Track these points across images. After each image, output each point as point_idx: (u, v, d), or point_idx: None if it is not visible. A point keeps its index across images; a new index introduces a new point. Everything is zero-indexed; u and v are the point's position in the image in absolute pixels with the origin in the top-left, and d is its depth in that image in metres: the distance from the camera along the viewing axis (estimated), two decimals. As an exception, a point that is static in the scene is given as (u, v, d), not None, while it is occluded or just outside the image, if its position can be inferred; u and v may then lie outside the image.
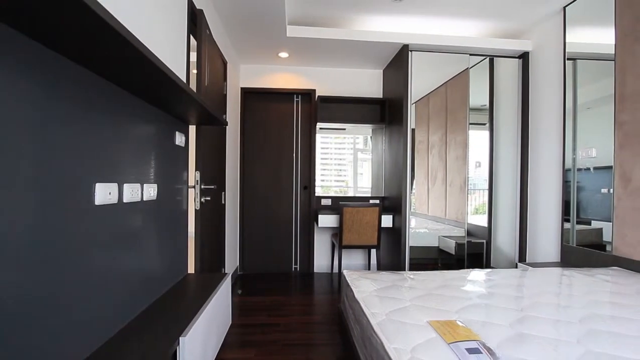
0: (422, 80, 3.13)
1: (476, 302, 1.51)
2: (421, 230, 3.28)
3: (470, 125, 3.07)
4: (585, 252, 2.39)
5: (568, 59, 2.59)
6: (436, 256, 3.24)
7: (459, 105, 3.10)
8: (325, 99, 3.52)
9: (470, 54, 3.08)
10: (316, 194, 3.66)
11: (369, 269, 3.67)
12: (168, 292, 1.58)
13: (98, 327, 1.05)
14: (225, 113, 2.79)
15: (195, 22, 1.97)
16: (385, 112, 3.56)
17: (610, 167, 2.22)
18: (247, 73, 3.59)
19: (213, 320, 1.56)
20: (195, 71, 1.96)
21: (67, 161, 0.91)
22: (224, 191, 2.79)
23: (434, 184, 3.28)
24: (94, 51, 0.86)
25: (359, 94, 3.68)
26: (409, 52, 3.01)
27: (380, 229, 3.06)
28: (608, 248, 2.23)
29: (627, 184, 2.10)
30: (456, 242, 3.10)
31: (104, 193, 1.07)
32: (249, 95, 3.63)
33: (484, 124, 3.27)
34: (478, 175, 3.26)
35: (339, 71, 3.69)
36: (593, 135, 2.39)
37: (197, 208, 1.99)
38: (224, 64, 2.76)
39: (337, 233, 3.20)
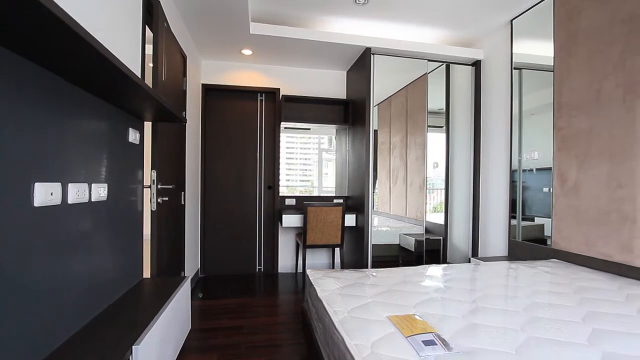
0: (384, 83, 3.22)
1: (433, 297, 1.59)
2: (383, 228, 3.38)
3: (428, 128, 3.22)
4: (529, 246, 2.60)
5: (514, 68, 2.80)
6: (397, 253, 3.35)
7: (419, 108, 3.24)
8: (290, 99, 3.50)
9: (428, 60, 3.23)
10: (280, 194, 3.64)
11: (333, 267, 3.71)
12: (121, 299, 1.48)
13: (38, 339, 0.96)
14: (185, 110, 2.68)
15: (152, 12, 1.87)
16: (348, 113, 3.62)
17: (550, 169, 2.44)
18: (209, 69, 3.48)
19: (170, 326, 1.49)
20: (151, 65, 1.86)
21: None
22: (184, 191, 2.68)
23: (396, 183, 3.40)
24: (18, 28, 0.72)
25: (324, 95, 3.71)
26: (371, 55, 3.09)
27: (344, 228, 3.11)
28: (548, 242, 2.44)
29: (563, 183, 2.33)
30: (415, 240, 3.24)
31: (45, 193, 0.98)
32: (211, 92, 3.52)
33: (442, 127, 3.44)
34: (436, 175, 3.42)
35: (304, 71, 3.69)
36: (536, 139, 2.61)
37: (154, 209, 1.89)
38: (184, 58, 2.65)
39: (301, 233, 3.20)
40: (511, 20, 2.82)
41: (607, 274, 1.96)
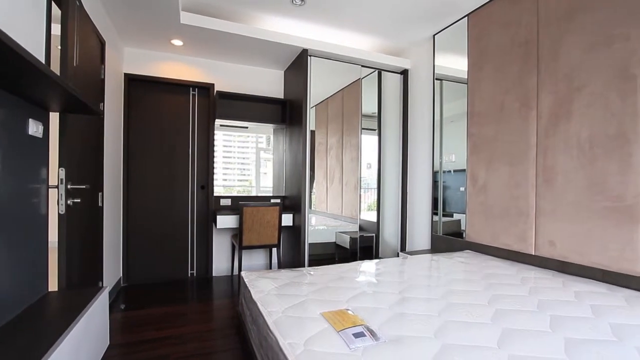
0: (321, 84, 3.29)
1: (365, 290, 1.67)
2: (320, 227, 3.46)
3: (363, 131, 3.38)
4: (448, 239, 2.89)
5: (436, 79, 3.09)
6: (334, 251, 3.45)
7: (353, 111, 3.38)
8: (225, 95, 3.37)
9: (362, 66, 3.39)
10: (216, 194, 3.48)
11: (271, 268, 3.67)
12: (19, 318, 1.27)
13: None
14: (102, 101, 2.41)
15: (60, -12, 1.64)
16: (286, 113, 3.62)
17: (464, 170, 2.75)
18: (133, 58, 3.17)
19: (82, 344, 1.32)
20: (59, 47, 1.63)
21: None
22: (101, 192, 2.40)
23: (332, 183, 3.50)
24: None
25: (261, 93, 3.65)
26: (309, 57, 3.13)
27: (281, 228, 3.10)
28: (464, 235, 2.75)
29: (474, 183, 2.64)
30: (350, 237, 3.37)
31: None
32: (136, 84, 3.21)
33: (375, 130, 3.65)
34: (370, 175, 3.61)
35: (240, 67, 3.59)
36: (454, 143, 2.91)
37: (62, 212, 1.66)
38: (101, 43, 2.38)
39: (237, 234, 3.10)
40: (434, 35, 3.10)
41: (509, 261, 2.28)
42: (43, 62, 1.36)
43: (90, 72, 2.10)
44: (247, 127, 3.69)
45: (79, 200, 1.85)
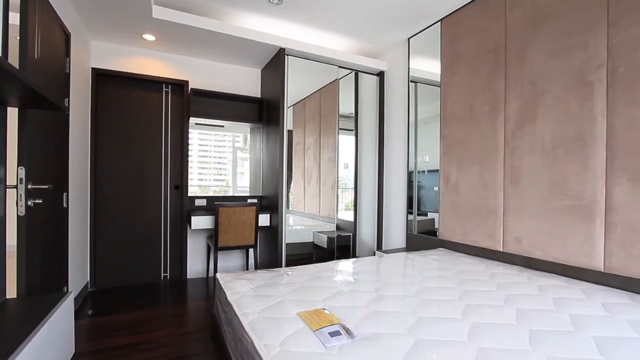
0: (299, 84, 3.29)
1: (341, 289, 1.68)
2: (298, 227, 3.45)
3: (340, 131, 3.41)
4: (422, 238, 2.97)
5: (411, 81, 3.17)
6: (311, 251, 3.46)
7: (331, 111, 3.40)
8: (200, 93, 3.29)
9: (339, 67, 3.41)
10: (191, 194, 3.39)
11: (247, 269, 3.63)
12: (-31, 328, 1.18)
13: None
14: (67, 96, 2.28)
15: (19, -24, 1.54)
16: (263, 112, 3.58)
17: (438, 170, 2.83)
18: (102, 52, 3.02)
19: (44, 353, 1.25)
20: (18, 37, 1.53)
21: None
22: (66, 192, 2.28)
23: (310, 183, 3.50)
24: None
25: (237, 91, 3.59)
26: (286, 56, 3.12)
27: (258, 228, 3.07)
28: (438, 234, 2.83)
29: (447, 183, 2.73)
30: (328, 237, 3.39)
31: None
32: (105, 79, 3.07)
33: (352, 130, 3.68)
34: (347, 175, 3.64)
35: (216, 65, 3.51)
36: (428, 144, 2.99)
37: (22, 213, 1.56)
38: (66, 35, 2.25)
39: (212, 235, 3.04)
40: (408, 39, 3.18)
41: (479, 257, 2.38)
42: None
43: (54, 65, 1.99)
44: (223, 126, 3.62)
45: (41, 201, 1.74)
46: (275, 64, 3.24)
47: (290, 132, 3.30)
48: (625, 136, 1.69)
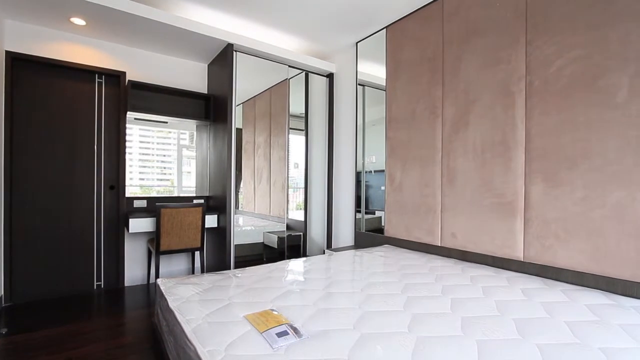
0: (248, 82, 3.21)
1: (291, 289, 1.69)
2: (248, 227, 3.38)
3: (290, 130, 3.40)
4: (370, 235, 3.09)
5: (359, 84, 3.28)
6: (262, 251, 3.41)
7: (281, 111, 3.38)
8: (139, 86, 3.06)
9: (289, 66, 3.41)
10: (130, 195, 3.13)
11: (193, 273, 3.46)
12: None
13: None
14: (-27, 84, 1.97)
15: None
16: (210, 109, 3.44)
17: (383, 170, 2.97)
18: (20, 33, 2.66)
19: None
20: None
21: None
22: (-28, 194, 1.97)
23: (260, 182, 3.44)
24: None
25: (182, 86, 3.40)
26: (234, 52, 3.03)
27: (204, 230, 2.95)
28: (384, 231, 2.97)
29: (392, 182, 2.87)
30: (278, 237, 3.37)
31: None
32: (22, 65, 2.70)
33: (302, 130, 3.70)
34: (298, 175, 3.65)
35: (158, 57, 3.29)
36: (375, 146, 3.12)
37: None
38: (-28, 13, 1.94)
39: (153, 238, 2.84)
40: (356, 43, 3.28)
41: (420, 252, 2.54)
42: None
43: (-45, 46, 1.70)
44: (167, 122, 3.40)
45: (-63, 205, 1.48)
46: (222, 59, 3.13)
47: (239, 131, 3.21)
48: (539, 141, 1.93)
